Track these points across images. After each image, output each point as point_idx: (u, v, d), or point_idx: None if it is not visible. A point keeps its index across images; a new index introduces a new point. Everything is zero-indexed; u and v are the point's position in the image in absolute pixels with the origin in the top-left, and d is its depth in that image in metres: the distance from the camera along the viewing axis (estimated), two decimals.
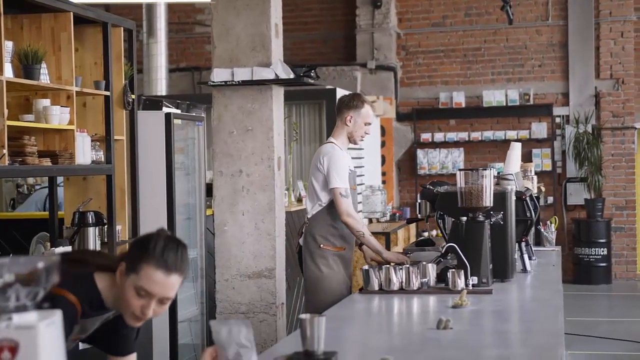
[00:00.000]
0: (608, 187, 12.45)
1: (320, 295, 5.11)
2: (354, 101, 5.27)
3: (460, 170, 4.49)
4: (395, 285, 4.25)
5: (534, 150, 12.52)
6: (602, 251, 12.14)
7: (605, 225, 12.21)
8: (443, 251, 4.45)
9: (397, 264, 4.86)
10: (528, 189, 5.65)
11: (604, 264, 12.17)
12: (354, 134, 5.27)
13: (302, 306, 7.76)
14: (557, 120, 12.63)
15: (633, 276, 12.51)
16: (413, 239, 10.42)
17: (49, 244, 5.43)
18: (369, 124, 5.30)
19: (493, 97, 12.65)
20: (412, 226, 11.27)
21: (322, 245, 5.16)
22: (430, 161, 12.84)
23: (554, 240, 6.47)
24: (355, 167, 9.95)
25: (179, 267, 2.57)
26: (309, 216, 5.27)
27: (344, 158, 5.21)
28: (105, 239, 5.58)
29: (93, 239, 5.40)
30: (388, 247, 9.16)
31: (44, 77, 4.91)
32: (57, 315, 1.81)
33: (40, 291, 1.81)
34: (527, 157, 12.23)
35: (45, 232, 5.77)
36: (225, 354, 2.55)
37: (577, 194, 12.49)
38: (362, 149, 10.51)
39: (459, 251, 4.30)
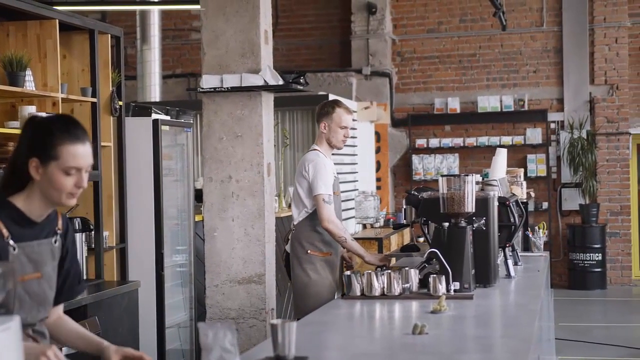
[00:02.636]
0: (603, 192, 12.47)
1: (309, 301, 5.15)
2: (325, 108, 5.41)
3: (442, 176, 4.51)
4: (377, 291, 4.26)
5: (529, 156, 12.53)
6: (597, 256, 12.14)
7: (600, 230, 12.22)
8: (425, 256, 4.46)
9: (380, 266, 4.92)
10: (514, 194, 5.66)
11: (598, 270, 12.18)
12: (332, 139, 5.35)
13: (291, 312, 7.77)
14: (552, 125, 12.65)
15: (628, 281, 12.51)
16: None
17: None
18: (345, 127, 5.36)
19: (488, 102, 12.67)
20: (406, 232, 11.29)
21: (309, 251, 5.25)
22: (425, 167, 12.85)
23: (542, 246, 6.47)
24: (349, 172, 10.02)
25: (86, 134, 2.71)
26: (295, 223, 5.35)
27: (329, 165, 5.25)
28: (93, 245, 5.60)
29: (80, 245, 5.42)
30: (380, 253, 9.17)
31: (29, 84, 4.94)
32: (13, 321, 1.83)
33: None
34: (521, 163, 12.25)
35: None
36: (208, 357, 2.59)
37: (571, 200, 12.50)
38: (356, 154, 10.53)
39: (441, 257, 4.31)
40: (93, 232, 5.58)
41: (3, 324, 1.79)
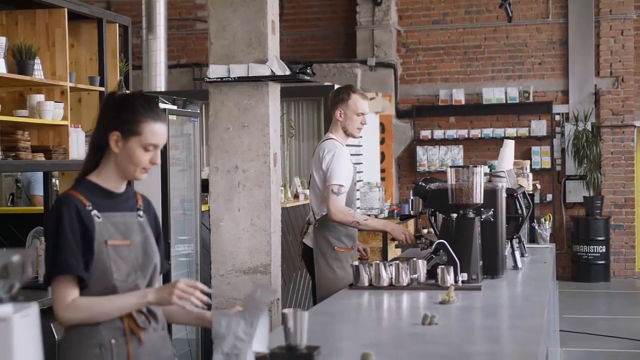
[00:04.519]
0: (607, 185, 12.47)
1: None
2: (340, 94, 5.20)
3: (451, 167, 4.50)
4: (385, 281, 4.26)
5: (534, 148, 12.53)
6: (601, 249, 12.15)
7: (604, 223, 12.22)
8: (433, 247, 4.47)
9: (401, 241, 4.89)
10: (521, 186, 5.67)
11: (602, 262, 12.19)
12: (348, 127, 5.17)
13: (303, 303, 7.78)
14: (557, 118, 12.64)
15: (631, 274, 12.52)
16: None
17: (43, 238, 5.46)
18: (362, 114, 5.17)
19: (493, 94, 12.66)
20: (411, 222, 11.29)
21: (336, 247, 5.10)
22: (429, 158, 12.85)
23: (548, 238, 6.48)
24: (353, 163, 10.01)
25: (164, 114, 2.88)
26: (317, 217, 5.16)
27: (346, 155, 5.11)
28: None
29: None
30: (385, 243, 9.16)
31: (38, 73, 4.94)
32: (32, 308, 1.84)
33: (15, 284, 1.84)
34: (526, 155, 12.25)
35: (41, 227, 5.79)
36: (221, 346, 2.62)
37: (576, 192, 12.50)
38: (361, 145, 10.53)
39: (449, 248, 4.32)
40: None
41: (22, 311, 1.80)
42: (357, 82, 12.51)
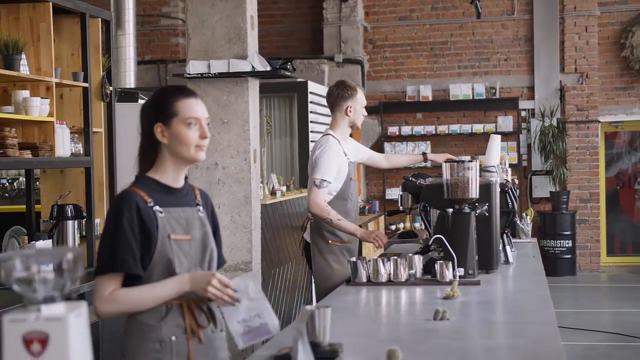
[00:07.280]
0: (573, 180, 12.60)
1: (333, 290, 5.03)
2: (348, 91, 5.22)
3: (446, 162, 4.50)
4: (383, 277, 4.25)
5: (500, 144, 12.60)
6: (567, 243, 12.28)
7: (570, 217, 12.35)
8: (430, 243, 4.46)
9: (376, 245, 4.91)
10: (507, 180, 5.69)
11: (568, 256, 12.32)
12: (356, 121, 5.27)
13: (282, 300, 7.74)
14: (523, 113, 12.74)
15: (597, 268, 12.67)
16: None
17: (26, 237, 5.35)
18: (364, 106, 5.33)
19: (460, 90, 12.72)
20: (381, 219, 11.32)
21: (330, 242, 5.11)
22: None
23: (530, 232, 6.52)
24: None
25: (195, 93, 2.90)
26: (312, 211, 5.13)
27: (338, 151, 5.10)
28: (84, 233, 5.51)
29: (72, 233, 5.33)
30: (360, 242, 9.14)
31: (24, 68, 4.84)
32: (83, 307, 1.79)
33: (67, 282, 1.79)
34: None
35: (19, 226, 5.68)
36: (236, 312, 2.61)
37: (542, 187, 12.62)
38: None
39: (446, 243, 4.31)
40: (85, 220, 5.48)
41: (76, 310, 1.75)
42: (325, 79, 12.49)
